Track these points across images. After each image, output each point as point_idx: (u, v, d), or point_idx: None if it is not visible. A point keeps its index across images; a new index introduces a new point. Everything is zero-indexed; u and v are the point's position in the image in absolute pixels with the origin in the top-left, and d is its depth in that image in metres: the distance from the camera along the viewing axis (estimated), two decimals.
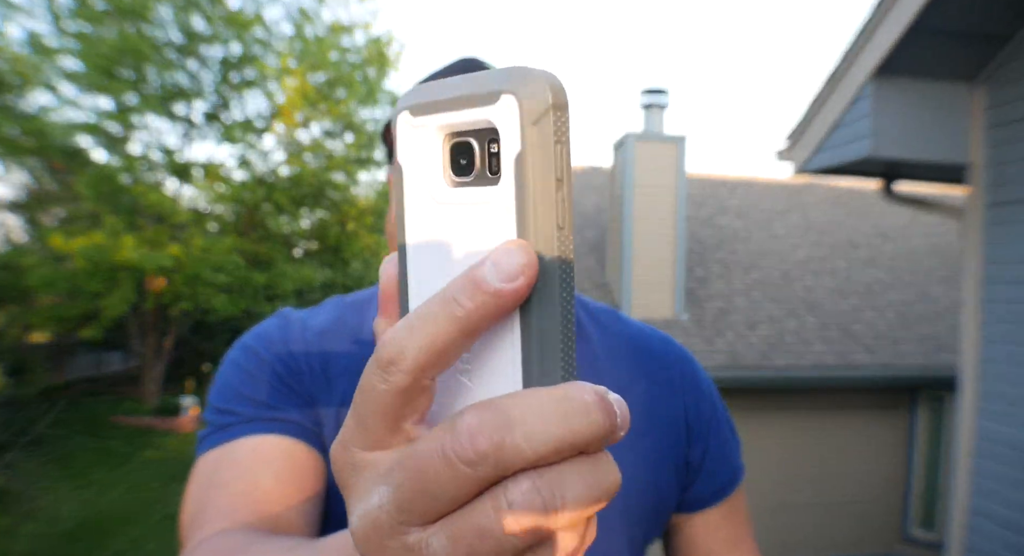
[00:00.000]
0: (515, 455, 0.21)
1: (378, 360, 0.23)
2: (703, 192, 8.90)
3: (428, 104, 0.25)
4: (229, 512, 0.56)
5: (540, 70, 0.23)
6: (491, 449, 0.21)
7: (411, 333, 0.23)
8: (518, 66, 0.23)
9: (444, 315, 0.22)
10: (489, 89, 0.23)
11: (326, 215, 12.53)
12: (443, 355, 0.23)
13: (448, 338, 0.22)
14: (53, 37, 9.31)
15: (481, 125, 0.24)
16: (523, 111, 0.22)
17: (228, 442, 0.62)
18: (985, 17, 3.18)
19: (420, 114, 0.25)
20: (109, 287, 9.58)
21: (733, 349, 6.39)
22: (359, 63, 11.67)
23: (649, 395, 0.75)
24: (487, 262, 0.22)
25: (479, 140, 0.24)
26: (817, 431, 6.65)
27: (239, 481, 0.59)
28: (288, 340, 0.69)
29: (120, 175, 10.01)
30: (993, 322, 3.47)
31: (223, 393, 0.66)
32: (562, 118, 0.23)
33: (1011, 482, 3.31)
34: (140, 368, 12.24)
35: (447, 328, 0.22)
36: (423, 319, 0.23)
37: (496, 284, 0.22)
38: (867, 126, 3.50)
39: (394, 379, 0.23)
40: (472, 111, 0.24)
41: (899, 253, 8.28)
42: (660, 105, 7.01)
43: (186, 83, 10.63)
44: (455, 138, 0.25)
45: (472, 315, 0.22)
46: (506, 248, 0.22)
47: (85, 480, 7.55)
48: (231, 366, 0.68)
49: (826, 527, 6.61)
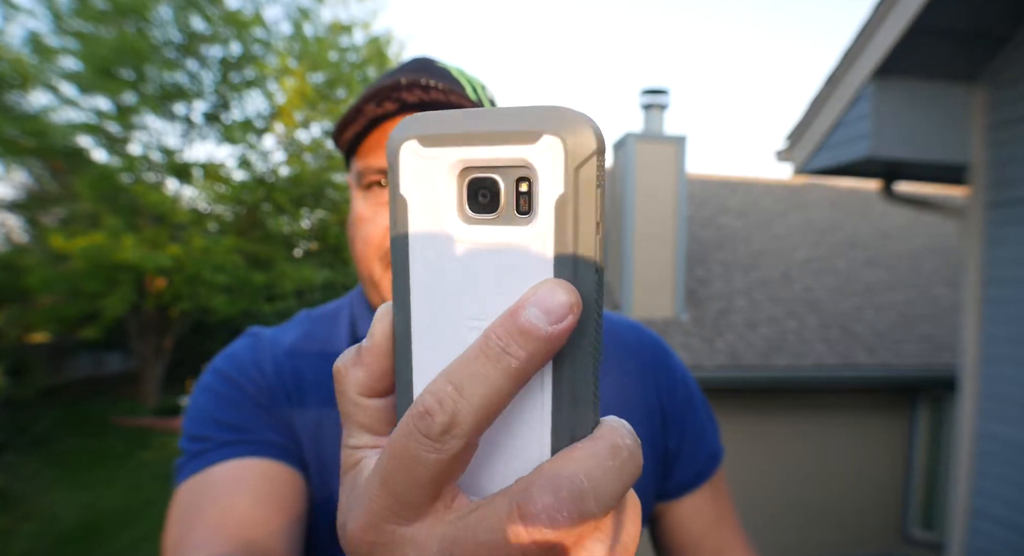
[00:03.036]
0: (590, 521, 0.21)
1: (427, 428, 0.21)
2: (703, 192, 8.89)
3: (445, 136, 0.23)
4: (206, 540, 0.55)
5: (581, 112, 0.23)
6: (570, 524, 0.21)
7: (462, 394, 0.21)
8: (557, 106, 0.23)
9: (498, 370, 0.21)
10: (527, 127, 0.22)
11: (326, 215, 12.53)
12: (497, 413, 0.22)
13: (504, 394, 0.21)
14: (53, 37, 9.31)
15: (513, 163, 0.23)
16: (568, 154, 0.22)
17: (205, 469, 0.61)
18: (985, 17, 3.17)
19: (433, 145, 0.24)
20: (109, 287, 9.58)
21: (733, 349, 6.39)
22: (359, 63, 11.66)
23: (621, 385, 0.75)
24: (528, 306, 0.21)
25: (505, 177, 0.23)
26: (817, 431, 6.65)
27: (216, 507, 0.57)
28: (259, 360, 0.69)
29: (120, 175, 10.01)
30: (993, 322, 3.46)
31: (196, 419, 0.65)
32: (602, 162, 0.23)
33: (1011, 482, 3.31)
34: (140, 368, 12.24)
35: (502, 384, 0.21)
36: (474, 378, 0.21)
37: (546, 328, 0.21)
38: (867, 126, 3.50)
39: (450, 447, 0.21)
40: (504, 148, 0.23)
41: (899, 253, 8.28)
42: (660, 105, 7.01)
43: (186, 83, 10.63)
44: (475, 173, 0.24)
45: (527, 366, 0.21)
46: (549, 288, 0.21)
47: (84, 480, 7.55)
48: (203, 391, 0.68)
49: (826, 527, 6.60)
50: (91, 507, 6.73)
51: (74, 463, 8.19)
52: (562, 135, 0.22)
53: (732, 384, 6.04)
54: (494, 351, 0.21)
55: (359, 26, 11.83)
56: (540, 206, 0.23)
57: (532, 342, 0.21)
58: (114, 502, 6.88)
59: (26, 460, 7.98)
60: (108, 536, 6.03)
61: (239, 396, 0.66)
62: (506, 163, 0.23)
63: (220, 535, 0.55)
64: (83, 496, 7.01)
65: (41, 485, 7.21)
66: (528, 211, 0.23)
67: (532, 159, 0.22)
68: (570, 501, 0.21)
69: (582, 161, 0.22)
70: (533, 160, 0.22)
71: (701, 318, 6.79)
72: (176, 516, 0.59)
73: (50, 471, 7.74)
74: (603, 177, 0.23)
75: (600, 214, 0.23)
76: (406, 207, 0.24)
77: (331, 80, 11.27)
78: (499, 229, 0.23)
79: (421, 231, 0.24)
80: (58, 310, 10.30)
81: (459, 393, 0.21)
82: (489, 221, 0.24)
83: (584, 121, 0.23)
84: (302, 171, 11.35)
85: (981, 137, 3.49)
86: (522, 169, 0.23)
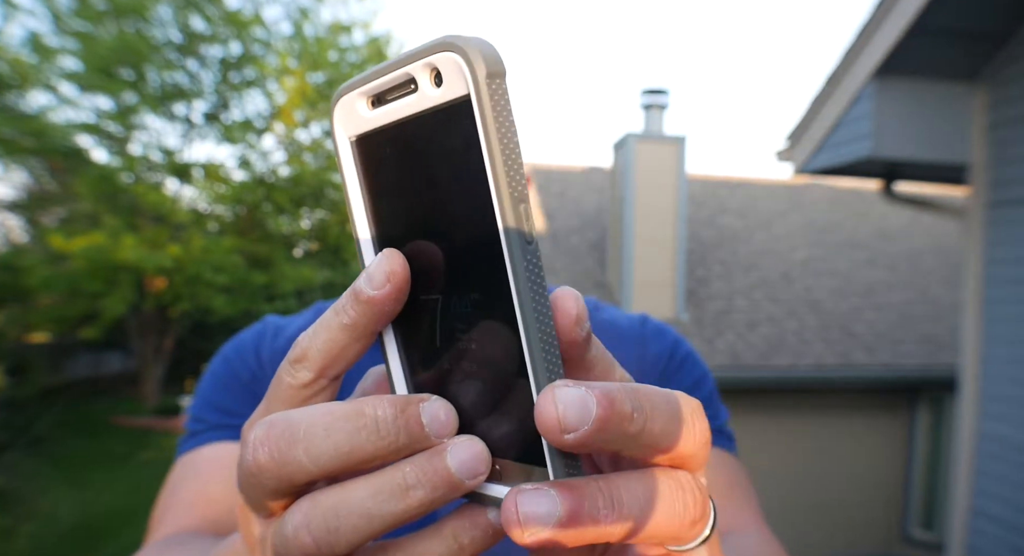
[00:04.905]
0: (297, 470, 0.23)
1: (288, 358, 0.26)
2: (703, 192, 8.89)
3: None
4: (179, 517, 0.59)
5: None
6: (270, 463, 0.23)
7: (313, 338, 0.26)
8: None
9: (336, 323, 0.25)
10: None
11: (326, 215, 12.52)
12: (340, 358, 0.26)
13: (342, 343, 0.25)
14: (53, 37, 9.31)
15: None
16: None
17: (194, 449, 0.65)
18: (985, 17, 3.17)
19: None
20: (109, 287, 9.56)
21: (733, 349, 6.39)
22: (358, 63, 11.66)
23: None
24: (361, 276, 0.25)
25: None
26: (817, 431, 6.65)
27: (193, 486, 0.62)
28: (260, 347, 0.71)
29: (120, 175, 10.00)
30: (994, 322, 3.46)
31: (198, 401, 0.69)
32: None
33: (1012, 482, 3.31)
34: (140, 368, 12.23)
35: (339, 334, 0.25)
36: (322, 325, 0.26)
37: (368, 292, 0.25)
38: (867, 126, 3.50)
39: (300, 375, 0.26)
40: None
41: (900, 253, 8.28)
42: (660, 105, 7.01)
43: (186, 83, 10.62)
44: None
45: (357, 322, 0.25)
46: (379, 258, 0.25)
47: (84, 480, 7.55)
48: (208, 375, 0.71)
49: (826, 527, 6.60)
50: (91, 507, 6.72)
51: (74, 463, 8.18)
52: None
53: (732, 384, 6.04)
54: (337, 307, 0.25)
55: (359, 26, 11.83)
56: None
57: (358, 304, 0.25)
58: (114, 502, 6.88)
59: (26, 460, 7.97)
60: (108, 536, 6.03)
61: (235, 382, 0.68)
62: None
63: (192, 513, 0.59)
64: (83, 496, 7.01)
65: (41, 485, 7.20)
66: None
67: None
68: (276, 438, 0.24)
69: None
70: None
71: (701, 318, 6.79)
72: (163, 493, 0.64)
73: (50, 471, 7.74)
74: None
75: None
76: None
77: (331, 80, 11.26)
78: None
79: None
80: (58, 310, 10.30)
81: (313, 335, 0.26)
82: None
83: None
84: (302, 171, 11.34)
85: (981, 137, 3.49)
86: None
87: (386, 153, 0.26)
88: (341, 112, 0.27)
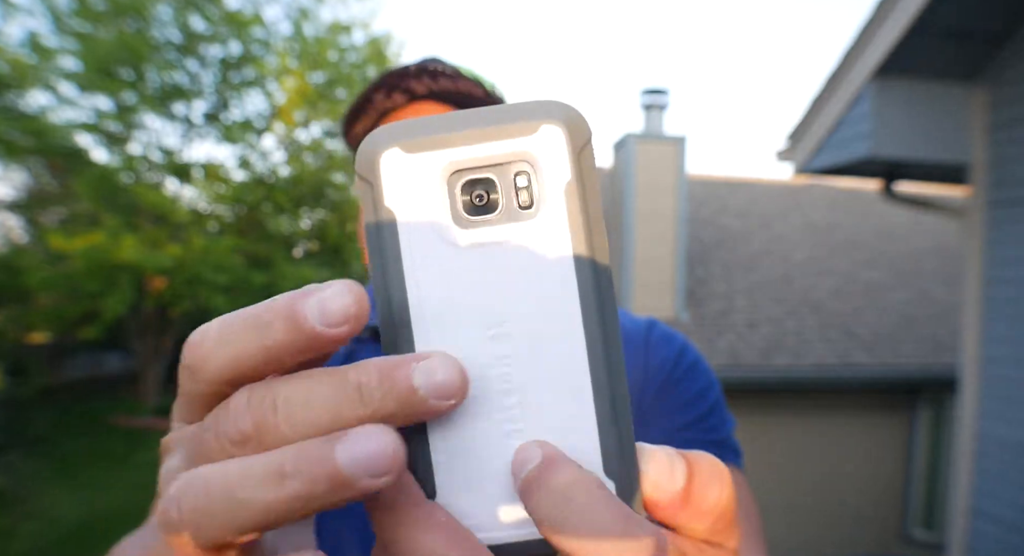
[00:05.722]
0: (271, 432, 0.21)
1: (184, 360, 0.22)
2: (703, 192, 8.89)
3: (429, 140, 0.22)
4: None
5: (565, 102, 0.23)
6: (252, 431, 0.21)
7: (217, 345, 0.21)
8: (544, 99, 0.23)
9: (253, 339, 0.21)
10: (522, 120, 0.22)
11: (326, 215, 12.52)
12: (245, 375, 0.21)
13: (251, 363, 0.21)
14: (52, 37, 9.31)
15: (509, 158, 0.22)
16: (570, 140, 0.22)
17: None
18: (985, 17, 3.17)
19: (418, 150, 0.22)
20: (108, 287, 9.56)
21: (734, 349, 6.39)
22: (358, 62, 11.66)
23: None
24: (312, 298, 0.20)
25: (501, 175, 0.23)
26: (817, 431, 6.65)
27: None
28: None
29: (120, 175, 10.00)
30: (994, 322, 3.46)
31: None
32: (593, 148, 0.23)
33: (1012, 482, 3.31)
34: (140, 368, 12.23)
35: (252, 352, 0.21)
36: (234, 333, 0.21)
37: (317, 326, 0.20)
38: (867, 126, 3.50)
39: (194, 386, 0.22)
40: (498, 144, 0.22)
41: (900, 253, 8.28)
42: (660, 105, 7.01)
43: (186, 83, 10.62)
44: (468, 174, 0.23)
45: (281, 349, 0.21)
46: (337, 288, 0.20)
47: (84, 480, 7.55)
48: None
49: (826, 527, 6.60)
50: (91, 507, 6.72)
51: (74, 463, 8.18)
52: (560, 123, 0.22)
53: (732, 384, 6.04)
54: (260, 321, 0.21)
55: (359, 26, 11.83)
56: (545, 197, 0.22)
57: (293, 331, 0.20)
58: (114, 502, 6.87)
59: (26, 460, 7.98)
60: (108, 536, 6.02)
61: None
62: (502, 159, 0.22)
63: None
64: (83, 496, 7.01)
65: (41, 485, 7.20)
66: (530, 205, 0.23)
67: (533, 150, 0.22)
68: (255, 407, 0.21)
69: (582, 146, 0.22)
70: (534, 151, 0.22)
71: (701, 318, 6.79)
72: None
73: (50, 471, 7.74)
74: (595, 161, 0.23)
75: (601, 196, 0.23)
76: (394, 221, 0.22)
77: (331, 80, 11.27)
78: (501, 228, 0.22)
79: (416, 245, 0.22)
80: (58, 310, 10.30)
81: (216, 343, 0.21)
82: (489, 222, 0.23)
83: (574, 109, 0.23)
84: (302, 171, 11.35)
85: (981, 137, 3.49)
86: (519, 163, 0.23)
87: None
88: None
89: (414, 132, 0.22)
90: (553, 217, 0.22)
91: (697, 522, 0.23)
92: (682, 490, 0.23)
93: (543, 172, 0.22)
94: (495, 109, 0.23)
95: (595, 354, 0.22)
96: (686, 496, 0.23)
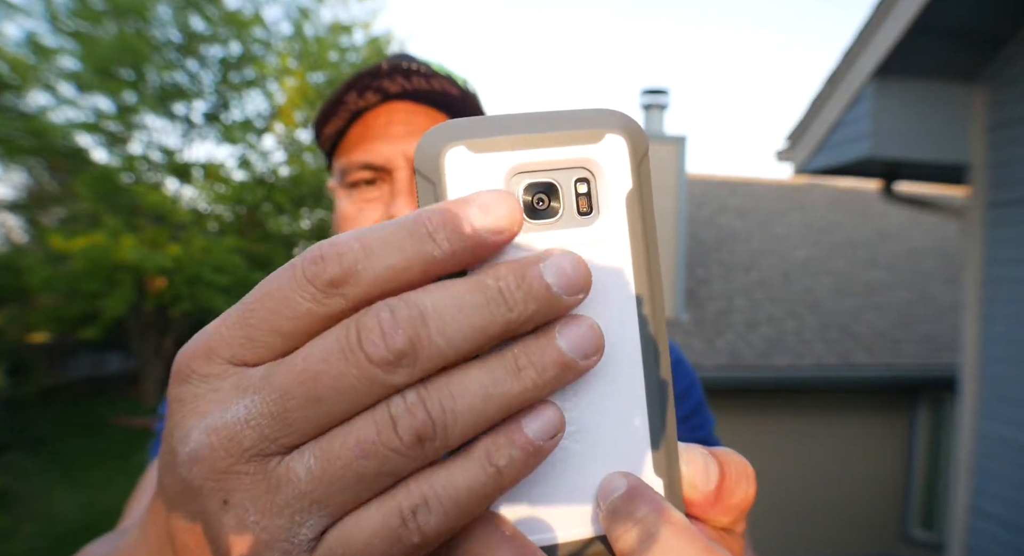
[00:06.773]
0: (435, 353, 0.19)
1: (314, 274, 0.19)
2: (703, 192, 8.89)
3: (497, 141, 0.22)
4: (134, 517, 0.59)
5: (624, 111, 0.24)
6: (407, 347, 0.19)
7: (369, 256, 0.19)
8: (606, 107, 0.24)
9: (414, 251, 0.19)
10: (588, 128, 0.23)
11: (326, 215, 12.53)
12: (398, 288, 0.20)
13: (408, 275, 0.20)
14: (51, 37, 9.31)
15: (573, 164, 0.23)
16: (633, 150, 0.23)
17: None
18: (985, 17, 3.17)
19: (484, 150, 0.22)
20: (109, 287, 9.56)
21: (733, 349, 6.39)
22: (359, 63, 11.66)
23: None
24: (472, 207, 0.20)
25: (563, 180, 0.23)
26: (817, 431, 6.65)
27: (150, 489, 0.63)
28: None
29: (120, 175, 10.01)
30: (994, 322, 3.46)
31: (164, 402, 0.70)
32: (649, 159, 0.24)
33: (1011, 482, 3.31)
34: (140, 368, 12.23)
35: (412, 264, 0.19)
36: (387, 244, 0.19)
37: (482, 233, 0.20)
38: (867, 126, 3.50)
39: (331, 302, 0.20)
40: (564, 149, 0.23)
41: (899, 253, 8.28)
42: (660, 105, 7.01)
43: (186, 83, 10.62)
44: (530, 177, 0.23)
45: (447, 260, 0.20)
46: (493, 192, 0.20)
47: (84, 480, 7.55)
48: None
49: (826, 527, 6.60)
50: (91, 507, 6.73)
51: (74, 463, 8.18)
52: (624, 132, 0.23)
53: (732, 384, 6.04)
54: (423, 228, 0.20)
55: (359, 26, 11.83)
56: (606, 204, 0.23)
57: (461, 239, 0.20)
58: (114, 502, 6.88)
59: (26, 460, 7.98)
60: None
61: None
62: (565, 165, 0.23)
63: None
64: (83, 496, 7.01)
65: (41, 485, 7.20)
66: (589, 211, 0.23)
67: (598, 158, 0.23)
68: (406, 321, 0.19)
69: (642, 157, 0.23)
70: (599, 159, 0.23)
71: (701, 318, 6.79)
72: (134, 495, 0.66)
73: (50, 471, 7.74)
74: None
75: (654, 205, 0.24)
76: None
77: (331, 80, 11.27)
78: (561, 233, 0.23)
79: None
80: (58, 310, 10.30)
81: (366, 254, 0.19)
82: (548, 226, 0.23)
83: (633, 119, 0.24)
84: (302, 171, 11.35)
85: (981, 137, 3.49)
86: (581, 170, 0.23)
87: None
88: None
89: (477, 131, 0.22)
90: (613, 225, 0.23)
91: (723, 516, 0.25)
92: (715, 490, 0.24)
93: (605, 180, 0.23)
94: (558, 114, 0.23)
95: (649, 358, 0.23)
96: (718, 494, 0.24)
